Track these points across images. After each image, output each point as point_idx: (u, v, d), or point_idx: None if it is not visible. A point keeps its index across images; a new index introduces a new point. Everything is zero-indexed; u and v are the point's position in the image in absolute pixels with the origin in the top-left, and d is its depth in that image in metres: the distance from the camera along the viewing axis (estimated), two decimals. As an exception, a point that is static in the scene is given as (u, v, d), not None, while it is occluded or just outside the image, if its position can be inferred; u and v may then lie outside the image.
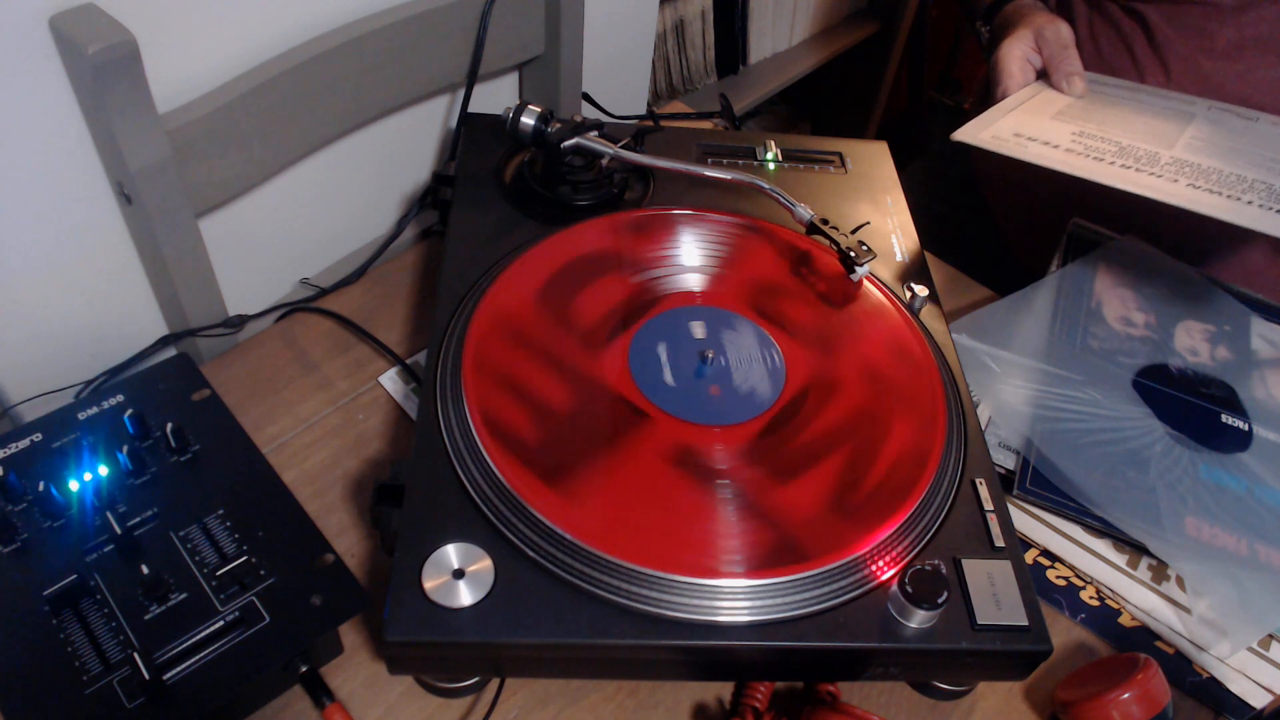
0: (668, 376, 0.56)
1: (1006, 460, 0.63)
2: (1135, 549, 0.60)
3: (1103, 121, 0.73)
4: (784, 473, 0.52)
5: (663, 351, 0.57)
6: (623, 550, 0.47)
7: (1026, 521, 0.61)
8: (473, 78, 0.73)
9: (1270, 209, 0.62)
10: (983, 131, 0.70)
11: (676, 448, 0.52)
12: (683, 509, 0.50)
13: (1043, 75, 0.80)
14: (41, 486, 0.49)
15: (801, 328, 0.60)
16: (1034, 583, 0.50)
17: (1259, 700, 0.55)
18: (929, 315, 0.63)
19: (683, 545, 0.48)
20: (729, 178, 0.66)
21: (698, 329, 0.59)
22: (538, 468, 0.50)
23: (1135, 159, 0.68)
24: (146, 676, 0.43)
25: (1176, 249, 0.79)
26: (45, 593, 0.46)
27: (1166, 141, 0.70)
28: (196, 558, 0.49)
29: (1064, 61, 0.77)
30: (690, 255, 0.64)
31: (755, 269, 0.64)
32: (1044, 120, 0.73)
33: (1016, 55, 0.78)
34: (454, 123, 0.79)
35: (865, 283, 0.64)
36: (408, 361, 0.67)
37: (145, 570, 0.48)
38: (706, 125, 0.86)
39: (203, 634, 0.46)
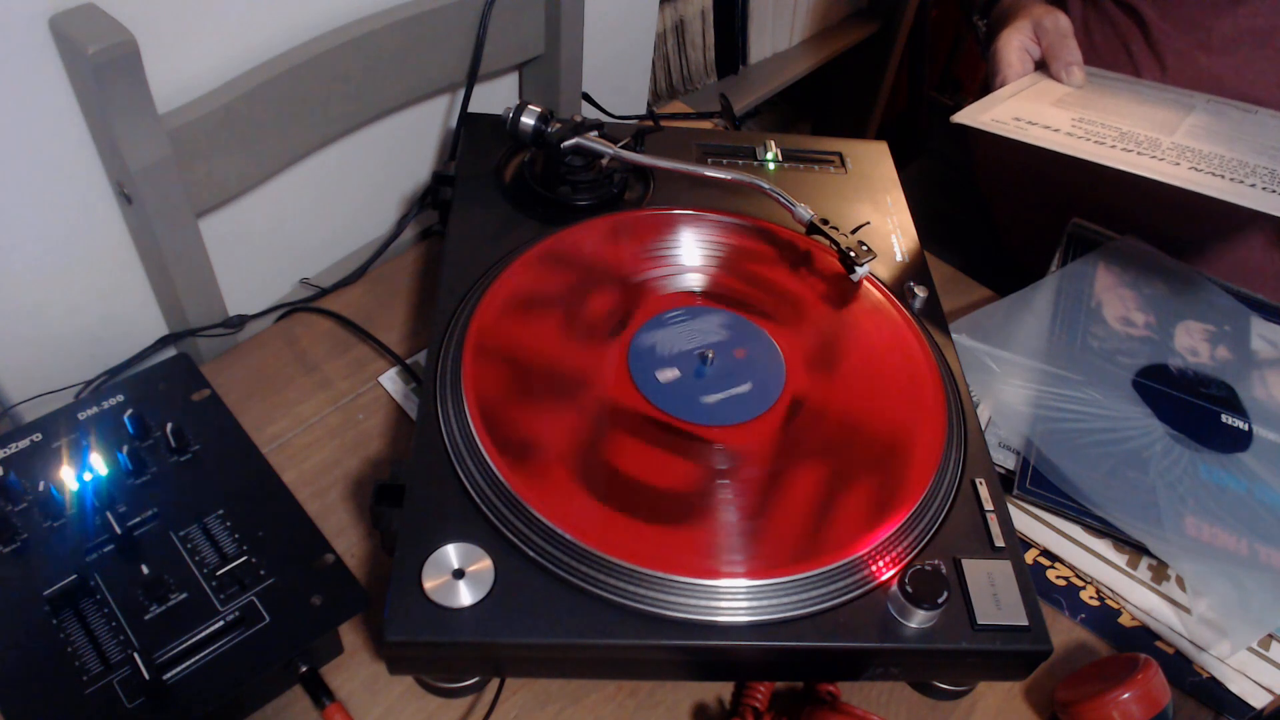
0: (667, 376, 0.56)
1: (1006, 460, 0.63)
2: (1135, 549, 0.60)
3: (1103, 109, 0.73)
4: (783, 472, 0.52)
5: (662, 351, 0.57)
6: (623, 550, 0.47)
7: (1026, 521, 0.61)
8: (473, 78, 0.73)
9: (1273, 190, 0.61)
10: (982, 114, 0.70)
11: (676, 448, 0.52)
12: (683, 509, 0.50)
13: (1041, 66, 0.80)
14: (41, 486, 0.49)
15: (801, 328, 0.60)
16: (1034, 583, 0.50)
17: (1259, 700, 0.55)
18: (929, 315, 0.63)
19: (683, 545, 0.48)
20: (729, 178, 0.66)
21: (697, 329, 0.59)
22: (538, 468, 0.50)
23: (1136, 143, 0.67)
24: (146, 676, 0.43)
25: (1176, 248, 0.79)
26: (45, 593, 0.46)
27: (1167, 129, 0.70)
28: (196, 558, 0.49)
29: (1063, 51, 0.77)
30: (690, 255, 0.64)
31: (755, 269, 0.64)
32: (1044, 106, 0.73)
33: (1015, 45, 0.78)
34: (454, 123, 0.79)
35: (865, 283, 0.64)
36: (408, 361, 0.67)
37: (145, 570, 0.48)
38: (706, 125, 0.86)
39: (203, 634, 0.46)
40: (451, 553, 0.46)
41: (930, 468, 0.53)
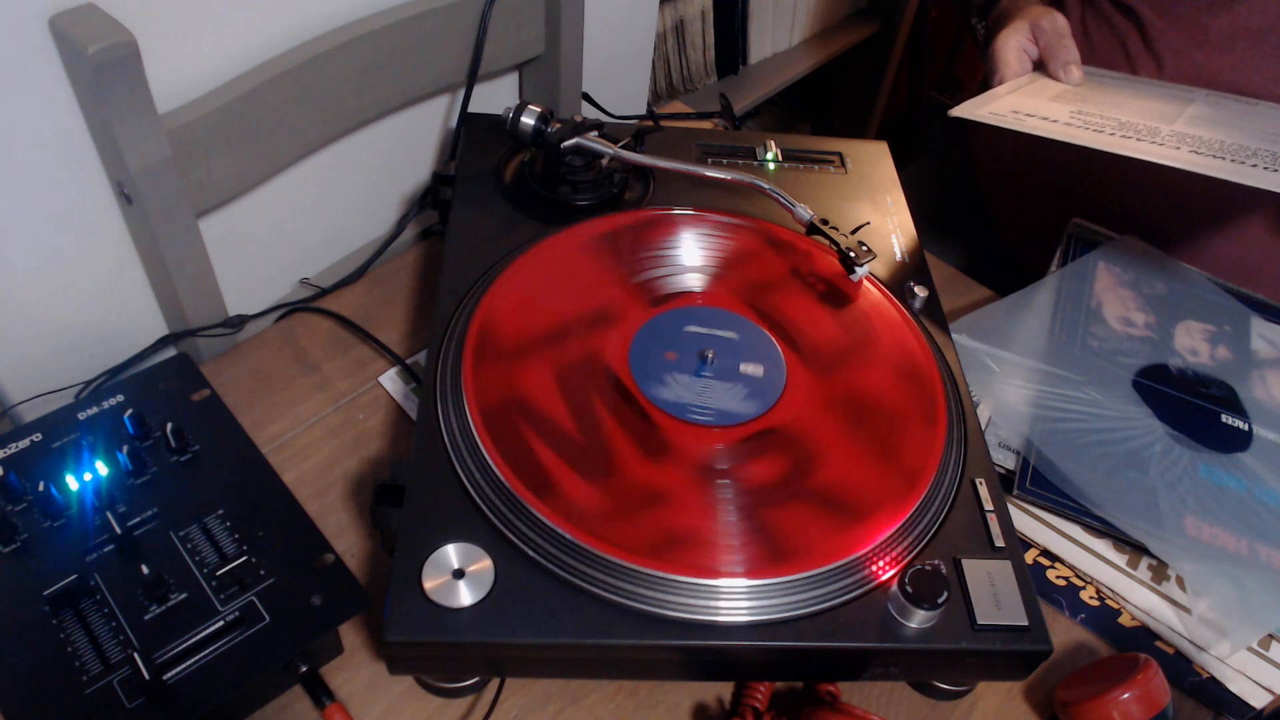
0: (667, 376, 0.56)
1: (1006, 460, 0.63)
2: (1135, 549, 0.60)
3: (1101, 103, 0.73)
4: (783, 472, 0.52)
5: (662, 351, 0.57)
6: (623, 550, 0.47)
7: (1026, 521, 0.61)
8: (473, 78, 0.73)
9: (1275, 170, 0.60)
10: (980, 108, 0.70)
11: (676, 448, 0.52)
12: (683, 509, 0.50)
13: (1039, 67, 0.80)
14: (41, 486, 0.49)
15: (801, 328, 0.60)
16: (1034, 583, 0.50)
17: (1259, 700, 0.55)
18: (929, 315, 0.63)
19: (683, 545, 0.48)
20: (729, 178, 0.66)
21: (697, 329, 0.59)
22: (538, 467, 0.50)
23: (1135, 131, 0.67)
24: (146, 676, 0.43)
25: (1176, 248, 0.79)
26: (45, 593, 0.46)
27: (1167, 118, 0.70)
28: (196, 558, 0.49)
29: (1061, 50, 0.76)
30: (690, 255, 0.64)
31: (755, 269, 0.64)
32: (1042, 101, 0.73)
33: (1013, 45, 0.78)
34: (454, 123, 0.79)
35: (865, 283, 0.64)
36: (408, 361, 0.67)
37: (145, 570, 0.48)
38: (706, 125, 0.86)
39: (203, 634, 0.46)
40: (451, 553, 0.46)
41: (930, 468, 0.53)
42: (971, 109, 0.70)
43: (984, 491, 0.53)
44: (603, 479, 0.50)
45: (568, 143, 0.64)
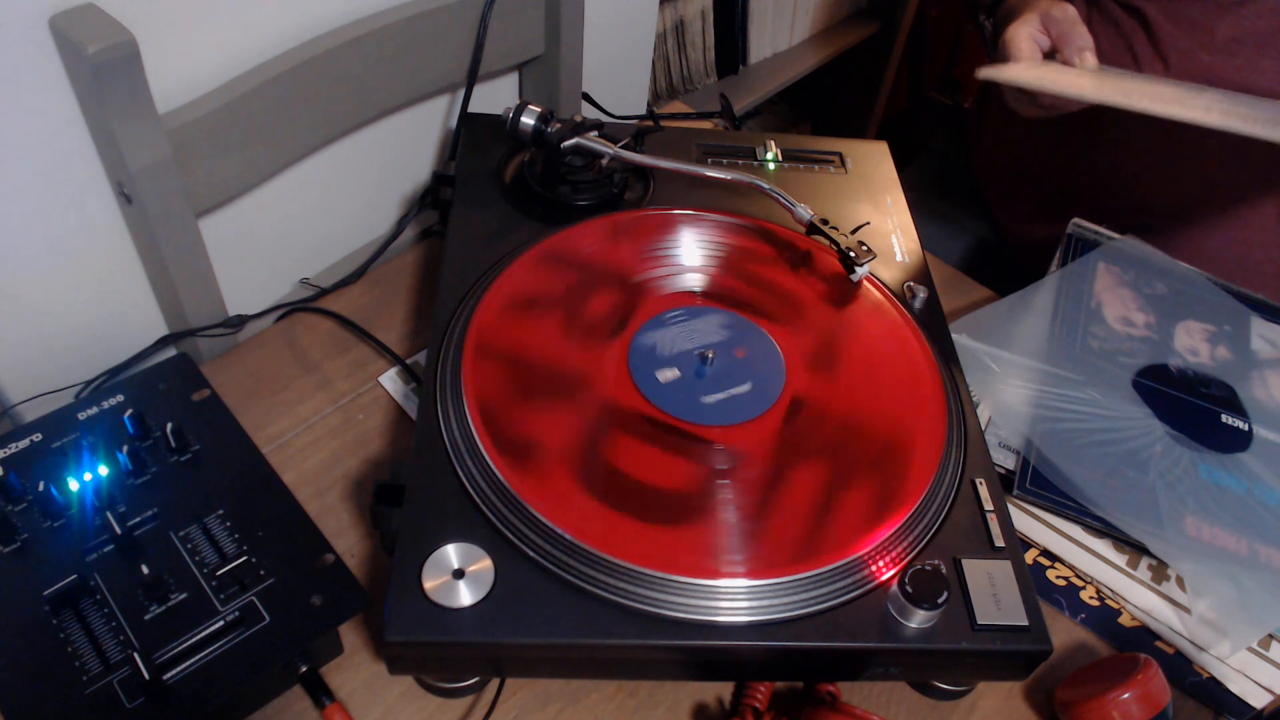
0: (667, 376, 0.56)
1: (1006, 460, 0.63)
2: (1135, 549, 0.60)
3: (1118, 88, 0.73)
4: (783, 472, 0.52)
5: (662, 351, 0.57)
6: (623, 550, 0.47)
7: (1026, 521, 0.61)
8: (473, 78, 0.73)
9: None
10: (1005, 73, 0.70)
11: (676, 448, 0.52)
12: (683, 509, 0.50)
13: (1050, 57, 0.79)
14: (41, 486, 0.49)
15: (801, 328, 0.60)
16: (1034, 583, 0.50)
17: (1259, 700, 0.55)
18: (929, 315, 0.63)
19: (683, 545, 0.48)
20: (729, 178, 0.66)
21: (697, 329, 0.59)
22: (538, 468, 0.50)
23: (1163, 99, 0.67)
24: (146, 676, 0.43)
25: (1176, 248, 0.79)
26: (45, 593, 0.46)
27: (1191, 93, 0.70)
28: (196, 558, 0.49)
29: (1075, 36, 0.75)
30: (690, 255, 0.64)
31: (755, 269, 0.64)
32: (1063, 74, 0.73)
33: (1025, 34, 0.77)
34: (454, 123, 0.79)
35: (865, 283, 0.64)
36: (408, 361, 0.67)
37: (145, 570, 0.48)
38: (706, 125, 0.86)
39: (203, 634, 0.46)
40: (451, 553, 0.46)
41: (930, 468, 0.53)
42: (997, 72, 0.70)
43: (984, 491, 0.53)
44: (603, 479, 0.50)
45: (568, 143, 0.64)
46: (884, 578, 0.48)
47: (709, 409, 0.54)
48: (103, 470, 0.52)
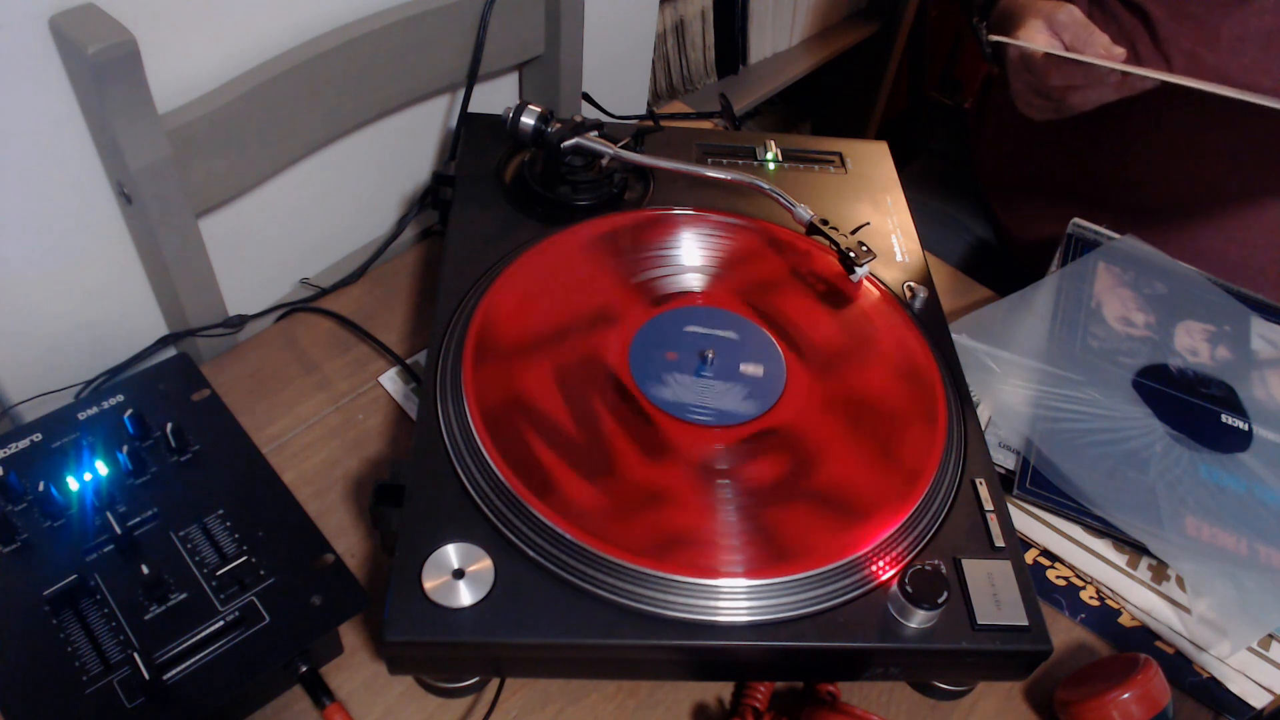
0: (667, 376, 0.56)
1: (1006, 460, 0.63)
2: (1135, 549, 0.60)
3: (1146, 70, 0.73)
4: (784, 472, 0.52)
5: (662, 351, 0.57)
6: (623, 550, 0.47)
7: (1026, 521, 0.61)
8: (473, 78, 0.73)
9: None
10: (1037, 38, 0.71)
11: (676, 448, 0.52)
12: (683, 509, 0.50)
13: None
14: (41, 486, 0.49)
15: (801, 328, 0.60)
16: (1034, 583, 0.50)
17: (1259, 700, 0.55)
18: (929, 315, 0.63)
19: (683, 545, 0.48)
20: (729, 178, 0.66)
21: (697, 329, 0.59)
22: (538, 467, 0.50)
23: (1184, 78, 0.67)
24: (146, 676, 0.43)
25: (1176, 248, 0.79)
26: (45, 593, 0.46)
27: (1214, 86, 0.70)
28: (196, 558, 0.49)
29: (1094, 41, 0.74)
30: (690, 255, 0.64)
31: (755, 269, 0.64)
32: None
33: (1041, 40, 0.76)
34: (454, 123, 0.79)
35: (865, 283, 0.64)
36: (408, 361, 0.67)
37: (145, 570, 0.48)
38: (706, 125, 0.86)
39: (203, 634, 0.46)
40: (451, 553, 0.46)
41: (930, 468, 0.53)
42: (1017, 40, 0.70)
43: (984, 491, 0.53)
44: (603, 479, 0.50)
45: (568, 143, 0.64)
46: (884, 578, 0.48)
47: (709, 409, 0.54)
48: (103, 470, 0.52)
